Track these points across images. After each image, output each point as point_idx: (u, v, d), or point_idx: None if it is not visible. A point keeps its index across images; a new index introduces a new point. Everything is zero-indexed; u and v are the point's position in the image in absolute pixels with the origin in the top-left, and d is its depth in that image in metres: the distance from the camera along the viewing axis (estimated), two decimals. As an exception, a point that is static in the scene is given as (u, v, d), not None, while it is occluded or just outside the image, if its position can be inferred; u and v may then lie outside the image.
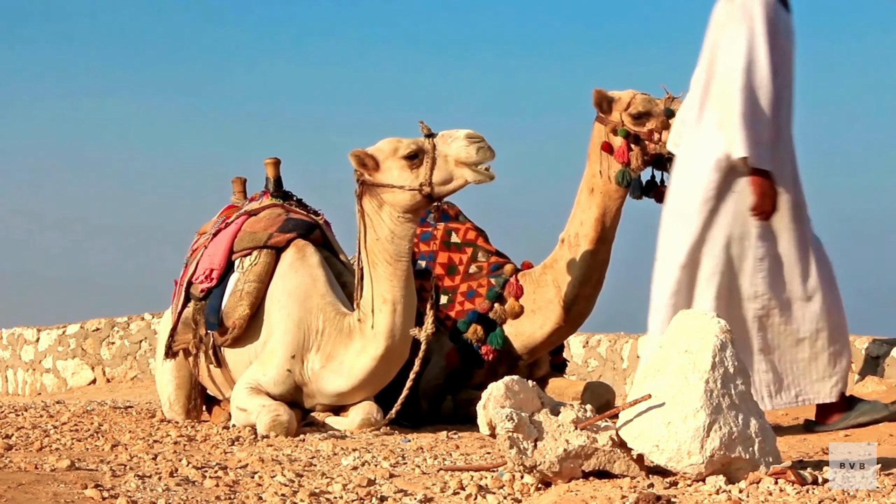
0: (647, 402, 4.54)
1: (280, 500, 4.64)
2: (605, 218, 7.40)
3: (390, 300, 6.77)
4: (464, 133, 6.62)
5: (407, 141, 6.73)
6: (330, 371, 6.95)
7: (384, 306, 6.78)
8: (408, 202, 6.71)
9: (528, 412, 4.75)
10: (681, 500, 4.21)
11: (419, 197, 6.68)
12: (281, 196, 7.91)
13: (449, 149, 6.62)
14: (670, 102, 7.29)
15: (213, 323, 7.33)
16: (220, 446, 6.30)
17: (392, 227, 6.74)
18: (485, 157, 6.59)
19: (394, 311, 6.78)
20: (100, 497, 4.53)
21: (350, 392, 6.98)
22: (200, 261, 7.65)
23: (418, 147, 6.69)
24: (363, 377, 6.90)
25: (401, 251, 6.76)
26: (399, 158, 6.70)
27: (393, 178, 6.72)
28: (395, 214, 6.74)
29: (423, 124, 6.72)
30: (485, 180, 6.65)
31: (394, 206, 6.72)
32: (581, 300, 7.52)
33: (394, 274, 6.76)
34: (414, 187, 6.67)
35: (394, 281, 6.76)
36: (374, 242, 6.78)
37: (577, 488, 4.57)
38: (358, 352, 6.88)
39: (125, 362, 14.05)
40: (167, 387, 7.87)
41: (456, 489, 4.83)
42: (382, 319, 6.79)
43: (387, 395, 7.10)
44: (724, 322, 4.61)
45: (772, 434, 4.59)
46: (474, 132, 6.63)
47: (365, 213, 6.80)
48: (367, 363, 6.86)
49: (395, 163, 6.72)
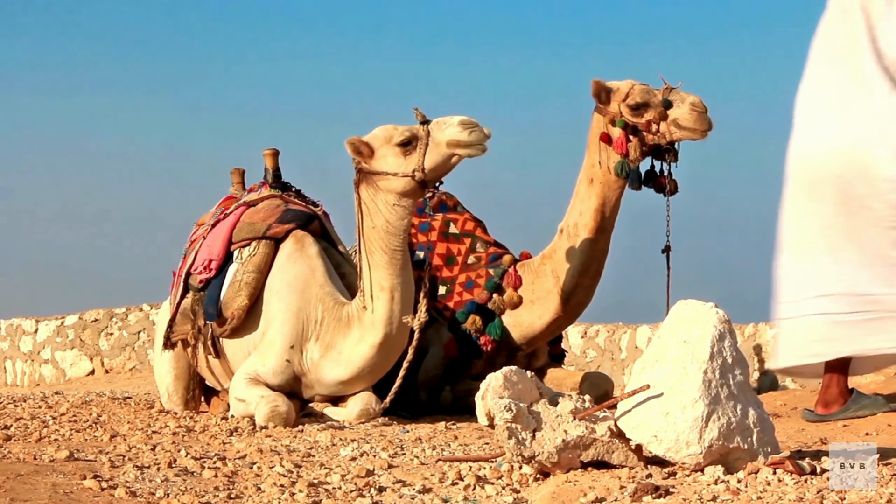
0: (646, 392, 4.54)
1: (278, 490, 4.64)
2: (605, 208, 7.39)
3: (388, 288, 6.78)
4: (458, 119, 6.64)
5: (402, 128, 6.74)
6: (329, 360, 6.96)
7: (382, 294, 6.80)
8: (401, 188, 6.72)
9: (527, 403, 4.75)
10: (679, 491, 4.22)
11: (413, 183, 6.69)
12: (280, 187, 7.91)
13: (443, 135, 6.63)
14: (668, 93, 7.28)
15: (212, 314, 7.33)
16: (219, 437, 6.31)
17: (387, 215, 6.75)
18: (479, 139, 6.61)
19: (391, 299, 6.79)
20: (98, 488, 4.53)
21: (349, 381, 6.98)
22: (199, 252, 7.65)
23: (412, 134, 6.70)
24: (362, 365, 6.91)
25: (397, 240, 6.76)
26: (393, 146, 6.71)
27: (387, 166, 6.73)
28: (390, 202, 6.75)
29: (418, 111, 6.74)
30: (476, 153, 6.65)
31: (389, 193, 6.73)
32: (580, 291, 7.52)
33: (390, 262, 6.77)
34: (407, 174, 6.68)
35: (390, 269, 6.77)
36: (370, 230, 6.80)
37: (575, 479, 4.57)
38: (356, 340, 6.88)
39: (123, 353, 14.04)
40: (166, 377, 7.88)
41: (454, 480, 4.84)
42: (380, 307, 6.81)
43: (385, 386, 7.11)
44: (723, 312, 4.61)
45: (770, 424, 4.59)
46: (468, 118, 6.64)
47: (362, 202, 6.82)
48: (366, 351, 6.87)
49: (389, 150, 6.73)
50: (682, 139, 7.27)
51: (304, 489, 4.65)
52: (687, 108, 7.20)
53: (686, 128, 7.21)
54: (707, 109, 7.24)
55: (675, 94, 7.26)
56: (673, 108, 7.21)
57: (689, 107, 7.20)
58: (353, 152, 6.80)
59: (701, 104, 7.21)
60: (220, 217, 7.80)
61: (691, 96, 7.24)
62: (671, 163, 7.37)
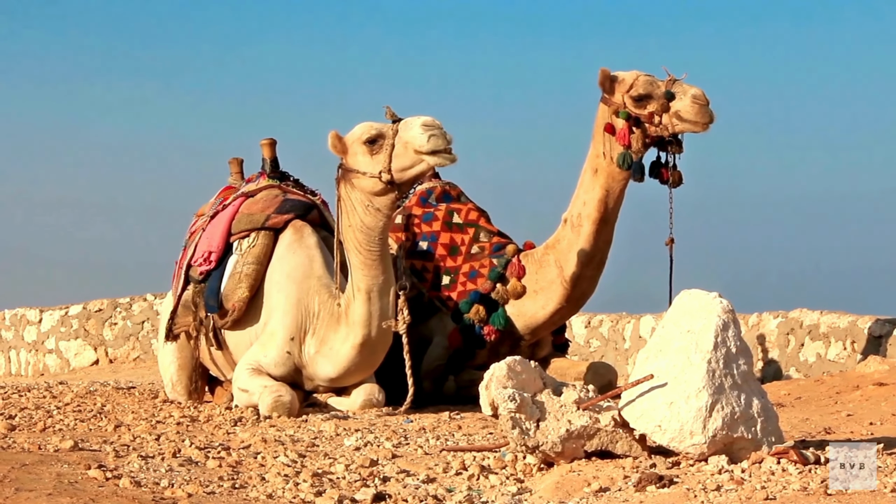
0: (650, 382, 4.54)
1: (283, 480, 4.65)
2: (608, 199, 7.38)
3: (364, 289, 6.75)
4: (420, 121, 6.53)
5: (374, 126, 6.67)
6: (322, 356, 6.97)
7: (359, 294, 6.77)
8: (370, 188, 6.63)
9: (531, 393, 4.75)
10: (683, 480, 4.22)
11: (380, 184, 6.60)
12: (278, 177, 7.90)
13: (407, 135, 6.57)
14: (671, 85, 7.26)
15: (213, 306, 7.34)
16: (223, 427, 6.31)
17: (362, 215, 6.68)
18: (436, 146, 6.46)
19: (368, 300, 6.75)
20: (103, 477, 4.54)
21: (339, 378, 7.00)
22: (199, 243, 7.64)
23: (378, 132, 6.62)
24: (347, 364, 6.91)
25: (372, 240, 6.69)
26: (361, 143, 6.65)
27: (358, 164, 6.67)
28: (364, 202, 6.67)
29: (389, 109, 6.64)
30: (444, 163, 6.55)
31: (361, 192, 6.67)
32: (583, 281, 7.51)
33: (365, 262, 6.72)
34: (374, 174, 6.62)
35: (365, 270, 6.73)
36: (346, 229, 6.75)
37: (579, 468, 4.57)
38: (343, 339, 6.89)
39: (127, 343, 14.05)
40: (169, 368, 7.88)
41: (458, 469, 4.84)
42: (358, 308, 6.78)
43: (387, 379, 7.12)
44: (727, 301, 4.61)
45: (774, 414, 4.59)
46: (432, 120, 6.52)
47: (340, 199, 6.78)
48: (349, 351, 6.87)
49: (359, 147, 6.67)
50: (683, 131, 7.25)
51: (308, 479, 4.66)
52: (689, 101, 7.17)
53: (687, 120, 7.20)
54: (709, 102, 7.21)
55: (678, 86, 7.24)
56: (675, 100, 7.20)
57: (691, 99, 7.17)
58: (330, 146, 6.77)
59: (703, 97, 7.19)
60: (219, 208, 7.79)
61: (693, 88, 7.22)
62: (675, 154, 7.36)
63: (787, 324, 9.21)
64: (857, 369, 7.73)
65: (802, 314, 9.15)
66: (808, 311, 9.14)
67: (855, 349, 8.47)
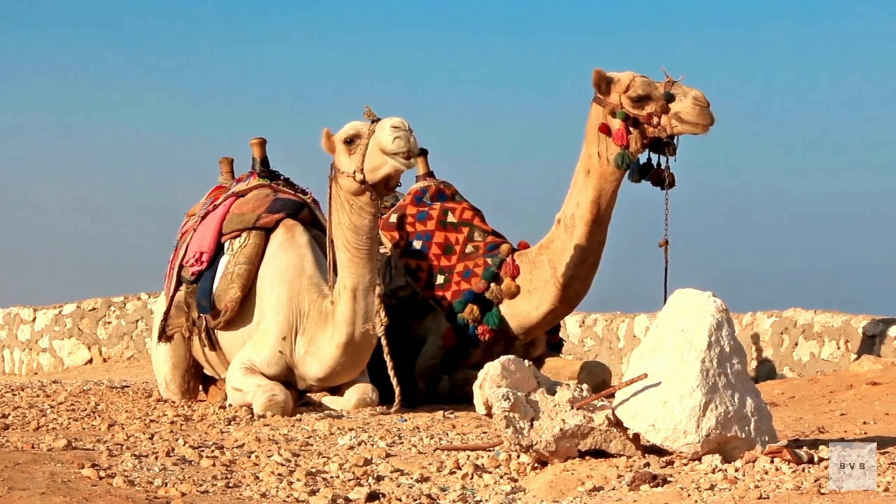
0: (644, 381, 4.55)
1: (277, 479, 4.65)
2: (602, 199, 7.38)
3: (350, 287, 6.75)
4: (390, 123, 6.53)
5: (357, 126, 6.68)
6: (311, 356, 6.97)
7: (345, 293, 6.77)
8: (348, 187, 6.65)
9: (525, 392, 4.75)
10: (677, 480, 4.22)
11: (355, 183, 6.61)
12: (268, 176, 7.90)
13: (378, 136, 6.56)
14: (670, 86, 7.26)
15: (206, 306, 7.34)
16: (217, 426, 6.31)
17: (349, 213, 6.69)
18: (399, 148, 6.45)
19: (353, 299, 6.76)
20: (97, 476, 4.54)
21: (327, 378, 7.00)
22: (190, 244, 7.64)
23: (356, 132, 6.64)
24: (332, 364, 6.91)
25: (360, 239, 6.69)
26: (340, 142, 6.69)
27: (340, 163, 6.71)
28: (349, 200, 6.69)
29: (368, 109, 6.65)
30: (401, 169, 6.53)
31: (345, 190, 6.69)
32: (577, 281, 7.52)
33: (352, 260, 6.72)
34: (350, 173, 6.64)
35: (353, 267, 6.73)
36: (336, 227, 6.77)
37: (573, 468, 4.58)
38: (329, 339, 6.89)
39: (121, 342, 14.04)
40: (163, 367, 7.88)
41: (452, 468, 4.84)
42: (343, 307, 6.79)
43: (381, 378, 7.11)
44: (721, 301, 4.61)
45: (768, 413, 4.59)
46: (400, 122, 6.51)
47: (331, 197, 6.80)
48: (334, 351, 6.87)
49: (340, 146, 6.70)
50: (683, 133, 7.26)
51: (302, 478, 4.66)
52: (689, 103, 7.18)
53: (688, 122, 7.20)
54: (709, 104, 7.22)
55: (677, 88, 7.24)
56: (675, 101, 7.20)
57: (692, 101, 7.18)
58: (322, 144, 6.80)
59: (703, 98, 7.20)
60: (210, 208, 7.79)
61: (693, 90, 7.22)
62: (670, 156, 7.37)
63: (781, 323, 9.22)
64: (850, 369, 7.74)
65: (796, 313, 9.16)
66: (802, 310, 9.16)
67: (849, 348, 8.48)
